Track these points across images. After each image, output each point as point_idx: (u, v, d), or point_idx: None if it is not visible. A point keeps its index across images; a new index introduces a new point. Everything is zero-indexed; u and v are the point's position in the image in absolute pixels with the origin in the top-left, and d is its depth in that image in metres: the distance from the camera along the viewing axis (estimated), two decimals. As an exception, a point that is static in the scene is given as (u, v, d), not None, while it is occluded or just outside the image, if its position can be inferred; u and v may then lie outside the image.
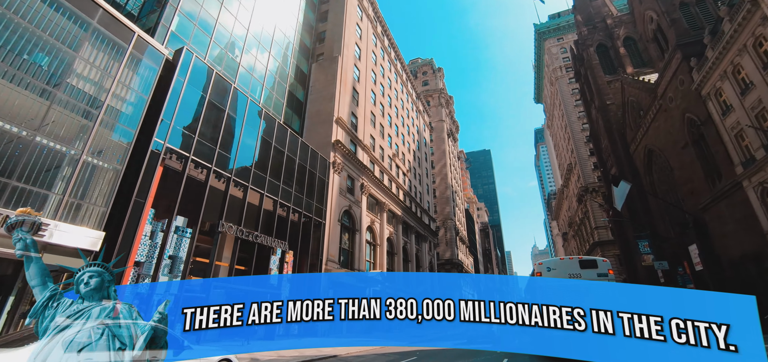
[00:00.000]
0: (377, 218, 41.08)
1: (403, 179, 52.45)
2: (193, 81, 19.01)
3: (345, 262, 32.40)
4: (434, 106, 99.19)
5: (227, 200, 19.88)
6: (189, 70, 18.67)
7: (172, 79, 17.62)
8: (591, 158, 76.19)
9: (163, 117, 16.95)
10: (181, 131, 18.03)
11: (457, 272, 79.42)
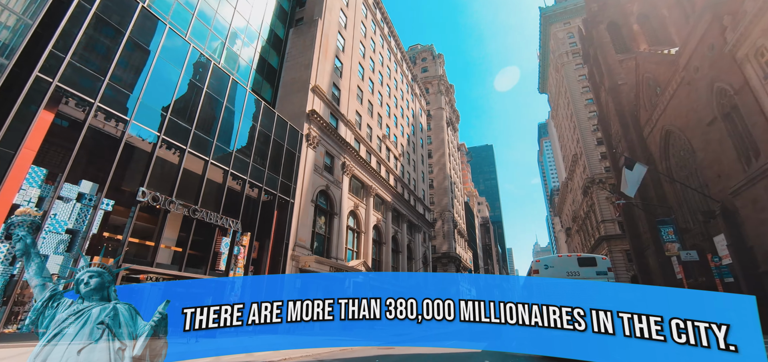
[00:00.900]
0: (362, 203, 37.05)
1: (395, 163, 48.35)
2: (108, 8, 14.93)
3: (319, 249, 28.46)
4: (433, 93, 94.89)
5: (152, 163, 15.89)
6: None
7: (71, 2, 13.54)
8: (598, 148, 71.80)
9: (54, 48, 12.90)
10: (82, 69, 13.97)
11: (454, 266, 75.49)
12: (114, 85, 14.95)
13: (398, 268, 45.17)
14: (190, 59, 18.43)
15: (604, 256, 15.19)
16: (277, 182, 23.48)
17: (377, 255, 40.03)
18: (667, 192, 39.10)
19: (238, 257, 20.94)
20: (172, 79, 17.31)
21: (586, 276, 14.19)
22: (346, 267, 28.69)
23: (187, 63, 18.22)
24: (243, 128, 21.66)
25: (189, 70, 18.45)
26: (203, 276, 18.02)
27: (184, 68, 18.00)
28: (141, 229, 17.02)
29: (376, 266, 39.28)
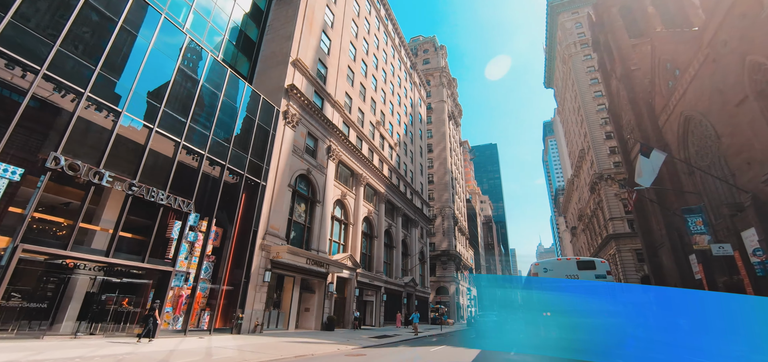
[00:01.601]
0: (351, 193, 34.11)
1: (390, 153, 45.35)
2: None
3: (298, 240, 25.55)
4: (435, 85, 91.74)
5: (72, 124, 13.02)
6: None
7: None
8: (607, 142, 68.34)
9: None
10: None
11: (454, 264, 72.40)
12: (20, 25, 12.11)
13: (391, 264, 42.20)
14: (133, 6, 15.55)
15: (603, 260, 14.66)
16: (245, 161, 20.60)
17: (368, 250, 37.10)
18: (685, 185, 35.75)
19: (194, 244, 18.12)
20: (103, 26, 14.44)
21: (585, 279, 14.15)
22: (327, 261, 25.80)
23: (129, 9, 15.35)
24: (205, 98, 18.80)
25: (133, 21, 15.58)
26: (146, 264, 15.18)
27: (123, 17, 15.12)
28: (77, 208, 14.25)
29: (366, 261, 36.34)
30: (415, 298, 46.15)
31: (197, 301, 17.94)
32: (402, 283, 42.23)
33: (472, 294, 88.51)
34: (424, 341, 21.37)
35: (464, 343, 19.73)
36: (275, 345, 15.05)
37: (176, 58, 17.37)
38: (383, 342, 19.05)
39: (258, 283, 20.44)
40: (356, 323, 29.73)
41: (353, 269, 30.95)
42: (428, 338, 23.80)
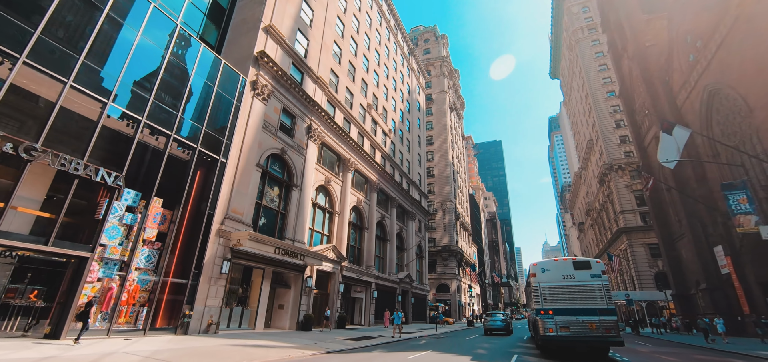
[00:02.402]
0: (337, 179, 31.04)
1: (384, 139, 42.20)
2: None
3: (268, 227, 22.49)
4: (436, 76, 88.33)
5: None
6: None
7: None
8: (616, 131, 64.58)
9: None
10: None
11: (455, 260, 69.06)
12: None
13: (384, 258, 39.07)
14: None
15: (598, 260, 15.01)
16: (200, 133, 17.61)
17: (357, 242, 34.01)
18: (708, 169, 32.19)
19: (132, 228, 15.13)
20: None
21: (581, 279, 14.31)
22: (304, 251, 22.76)
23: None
24: (144, 55, 15.81)
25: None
26: (50, 248, 12.22)
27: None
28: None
29: (355, 254, 33.25)
30: (411, 295, 42.99)
31: (132, 295, 14.96)
32: (396, 279, 39.09)
33: (474, 292, 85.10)
34: (409, 344, 18.24)
35: (456, 348, 16.53)
36: (212, 350, 12.02)
37: (107, 2, 14.36)
38: (358, 346, 15.95)
39: (213, 275, 17.43)
40: (340, 322, 26.66)
41: (337, 262, 27.87)
42: (415, 340, 20.65)
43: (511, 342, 20.51)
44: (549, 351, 15.97)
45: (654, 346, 19.97)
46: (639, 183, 58.83)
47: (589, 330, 13.48)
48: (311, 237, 27.15)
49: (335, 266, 27.67)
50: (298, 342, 15.79)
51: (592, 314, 13.63)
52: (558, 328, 13.94)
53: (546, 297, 14.56)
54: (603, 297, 13.78)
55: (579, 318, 13.76)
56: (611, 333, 13.22)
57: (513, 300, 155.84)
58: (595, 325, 13.42)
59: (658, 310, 51.88)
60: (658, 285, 52.18)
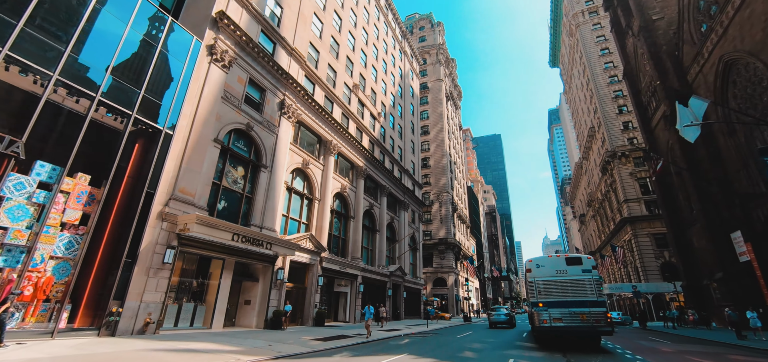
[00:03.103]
0: (318, 162, 28.30)
1: (372, 123, 39.43)
2: None
3: (230, 211, 19.73)
4: (431, 63, 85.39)
5: None
6: None
7: None
8: (619, 117, 61.80)
9: None
10: None
11: (452, 254, 66.45)
12: None
13: (373, 250, 36.41)
14: None
15: (588, 256, 15.93)
16: (136, 98, 14.85)
17: (341, 232, 31.30)
18: (723, 148, 29.43)
19: (45, 208, 12.42)
20: None
21: (573, 274, 15.23)
22: (275, 240, 20.08)
23: None
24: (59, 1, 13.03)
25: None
26: None
27: None
28: None
29: (338, 245, 30.57)
30: (403, 290, 40.36)
31: (42, 289, 12.26)
32: (386, 272, 36.43)
33: (473, 286, 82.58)
34: (386, 345, 15.59)
35: (440, 350, 13.86)
36: (123, 357, 9.31)
37: (-2, -74, 11.54)
38: (323, 348, 13.31)
39: (153, 265, 14.72)
40: (319, 318, 24.01)
41: (316, 253, 25.18)
42: (396, 340, 17.99)
43: (508, 340, 17.89)
44: (544, 341, 16.94)
45: (675, 344, 17.31)
46: (643, 170, 56.16)
47: (581, 321, 14.43)
48: (285, 225, 24.43)
49: (313, 257, 24.98)
50: (251, 344, 13.11)
51: (583, 306, 14.59)
52: (552, 320, 14.92)
53: (541, 291, 15.56)
54: (593, 290, 14.78)
55: (571, 310, 14.74)
56: (601, 323, 14.20)
57: (513, 294, 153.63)
58: (586, 316, 14.41)
59: (665, 303, 49.36)
60: (665, 277, 49.63)
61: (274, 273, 21.04)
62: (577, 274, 15.34)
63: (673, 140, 33.74)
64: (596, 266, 15.68)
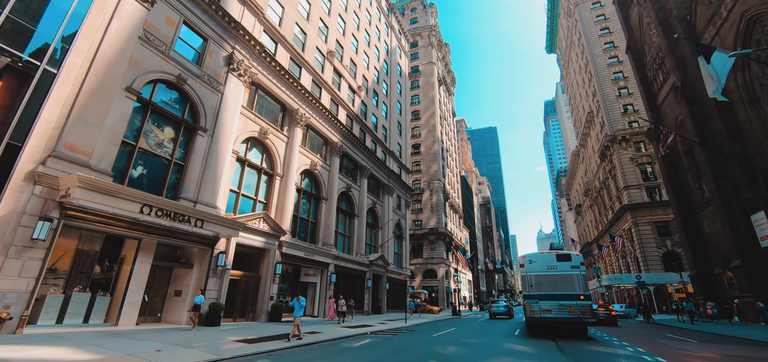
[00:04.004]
0: (281, 133, 24.47)
1: (351, 97, 35.57)
2: None
3: (150, 181, 15.86)
4: (423, 46, 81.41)
5: None
6: None
7: None
8: (620, 100, 58.37)
9: None
10: None
11: (443, 244, 63.04)
12: None
13: (351, 237, 32.76)
14: None
15: (577, 253, 17.60)
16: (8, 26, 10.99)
17: (311, 214, 27.56)
18: (743, 119, 25.95)
19: None
20: None
21: (563, 270, 16.52)
22: (212, 217, 16.35)
23: None
24: None
25: None
26: None
27: None
28: None
29: (307, 229, 26.86)
30: (385, 280, 36.80)
31: None
32: (365, 261, 32.82)
33: (465, 278, 79.42)
34: (325, 351, 11.92)
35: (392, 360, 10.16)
36: None
37: None
38: (239, 354, 9.69)
39: (15, 242, 10.92)
40: (275, 312, 20.34)
41: (274, 235, 21.44)
42: (349, 341, 14.32)
43: (493, 345, 14.34)
44: (535, 331, 17.97)
45: (706, 345, 13.78)
46: (645, 156, 52.93)
47: (568, 313, 15.53)
48: (235, 202, 20.62)
49: (270, 241, 21.22)
50: (129, 349, 9.38)
51: (571, 299, 15.67)
52: (542, 311, 16.11)
53: (532, 285, 16.73)
54: (580, 285, 15.85)
55: (560, 303, 15.84)
56: (587, 314, 15.33)
57: (507, 286, 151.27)
58: (573, 309, 15.46)
59: (667, 294, 46.37)
60: (667, 267, 46.58)
61: (213, 258, 17.28)
62: (566, 270, 16.43)
63: (683, 114, 30.26)
64: (584, 263, 16.85)
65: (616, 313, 29.15)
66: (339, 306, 20.25)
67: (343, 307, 20.20)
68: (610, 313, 26.47)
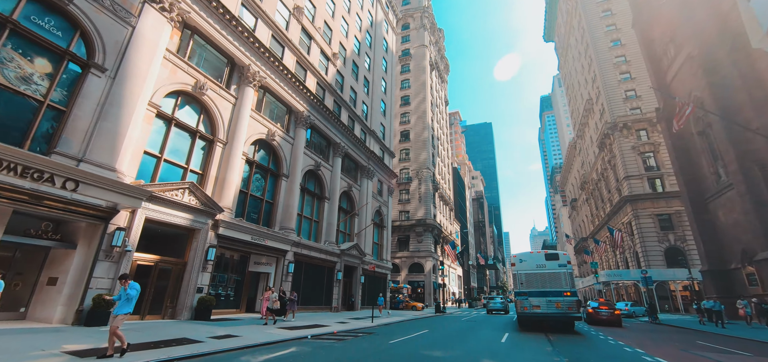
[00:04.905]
0: (225, 91, 20.23)
1: (324, 64, 31.33)
2: None
3: (7, 127, 11.55)
4: (415, 28, 77.15)
5: None
6: None
7: None
8: (622, 85, 54.71)
9: None
10: None
11: (431, 236, 59.20)
12: None
13: (320, 222, 28.68)
14: None
15: (564, 252, 18.97)
16: None
17: (265, 192, 23.37)
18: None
19: None
20: None
21: (551, 268, 17.60)
22: (107, 182, 12.19)
23: None
24: None
25: None
26: None
27: None
28: None
29: (261, 209, 22.69)
30: (361, 273, 32.79)
31: None
32: (336, 250, 28.77)
33: (455, 274, 75.84)
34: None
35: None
36: None
37: None
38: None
39: None
40: (203, 308, 16.19)
41: (206, 213, 17.26)
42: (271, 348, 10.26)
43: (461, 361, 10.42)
44: (526, 325, 19.24)
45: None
46: (647, 144, 49.35)
47: (556, 309, 16.81)
48: (155, 169, 16.38)
49: (200, 218, 17.03)
50: None
51: (558, 296, 16.96)
52: (532, 307, 17.38)
53: (523, 282, 17.91)
54: (567, 282, 17.15)
55: (548, 299, 17.09)
56: (573, 310, 16.59)
57: (499, 283, 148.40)
58: (560, 305, 16.76)
59: (669, 292, 43.01)
60: (669, 262, 43.19)
61: (106, 235, 13.08)
62: (554, 268, 17.42)
63: (700, 86, 26.44)
64: (570, 262, 17.80)
65: (621, 312, 25.42)
66: (271, 301, 16.05)
67: (275, 303, 15.96)
68: (613, 313, 22.75)
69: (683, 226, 43.46)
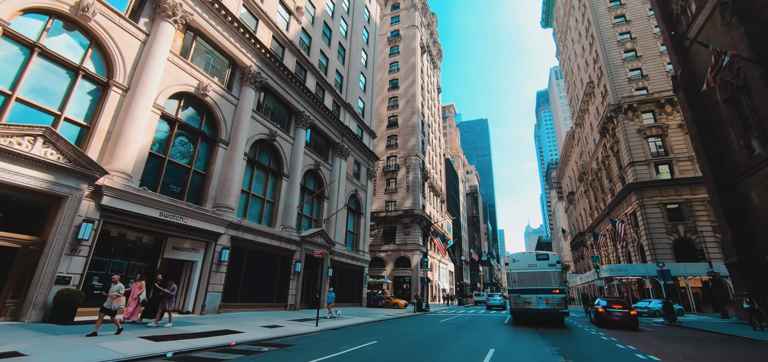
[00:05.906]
0: (130, 24, 15.41)
1: (285, 19, 26.52)
2: None
3: None
4: (405, 8, 72.43)
5: None
6: None
7: None
8: (626, 63, 50.29)
9: None
10: None
11: (419, 227, 54.59)
12: None
13: (276, 203, 23.89)
14: None
15: (554, 252, 20.70)
16: None
17: (198, 162, 18.55)
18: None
19: None
20: None
21: (541, 268, 18.84)
22: None
23: None
24: None
25: None
26: None
27: None
28: None
29: (187, 181, 17.87)
30: (329, 265, 28.05)
31: None
32: (295, 237, 24.01)
33: (446, 269, 71.35)
34: None
35: None
36: None
37: None
38: None
39: None
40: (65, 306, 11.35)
41: (77, 174, 12.40)
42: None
43: None
44: (518, 320, 20.25)
45: None
46: (654, 127, 44.97)
47: (545, 305, 18.10)
48: (2, 109, 11.51)
49: (65, 180, 12.17)
50: None
51: (548, 293, 18.26)
52: (523, 303, 18.65)
53: (515, 281, 19.20)
54: (556, 280, 18.43)
55: (538, 296, 18.40)
56: (561, 306, 17.88)
57: (493, 280, 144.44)
58: (550, 301, 18.04)
59: (677, 289, 38.75)
60: (678, 256, 38.97)
61: None
62: (544, 267, 18.86)
63: (735, 38, 21.89)
64: (560, 261, 19.35)
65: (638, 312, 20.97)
66: (139, 297, 11.18)
67: (118, 299, 10.44)
68: (629, 313, 18.26)
69: (695, 216, 39.24)
